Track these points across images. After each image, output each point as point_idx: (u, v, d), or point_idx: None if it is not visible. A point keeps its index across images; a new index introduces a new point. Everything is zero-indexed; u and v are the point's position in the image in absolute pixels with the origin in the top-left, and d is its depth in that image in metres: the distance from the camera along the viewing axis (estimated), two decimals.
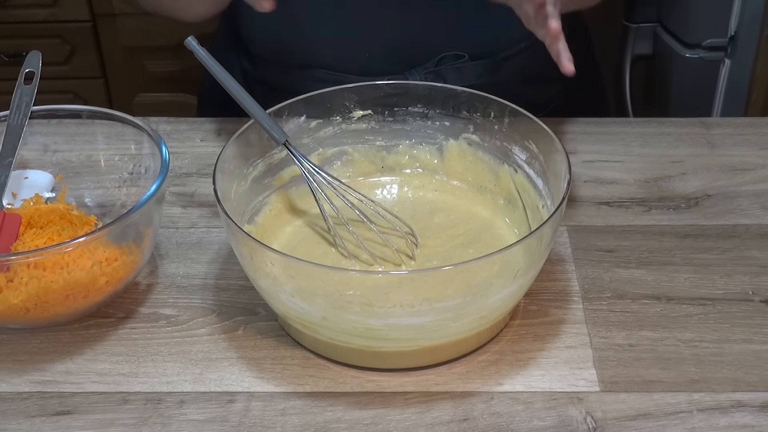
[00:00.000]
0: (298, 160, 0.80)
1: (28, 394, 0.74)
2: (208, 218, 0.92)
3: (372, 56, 1.03)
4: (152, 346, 0.77)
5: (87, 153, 0.91)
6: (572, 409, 0.71)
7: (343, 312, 0.70)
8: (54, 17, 2.02)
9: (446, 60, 1.04)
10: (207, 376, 0.74)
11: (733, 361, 0.75)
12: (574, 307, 0.80)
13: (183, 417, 0.71)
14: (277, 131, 0.81)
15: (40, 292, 0.74)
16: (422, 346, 0.73)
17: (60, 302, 0.75)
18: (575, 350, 0.76)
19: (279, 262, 0.71)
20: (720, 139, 1.02)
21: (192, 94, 2.06)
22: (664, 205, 0.92)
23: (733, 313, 0.79)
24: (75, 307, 0.77)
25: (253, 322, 0.79)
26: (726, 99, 1.57)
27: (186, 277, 0.84)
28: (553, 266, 0.84)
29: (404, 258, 0.81)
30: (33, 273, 0.73)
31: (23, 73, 0.87)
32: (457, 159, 0.89)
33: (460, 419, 0.70)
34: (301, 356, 0.76)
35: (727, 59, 1.55)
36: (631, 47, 1.69)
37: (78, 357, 0.77)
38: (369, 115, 0.90)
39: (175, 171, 0.98)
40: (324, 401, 0.72)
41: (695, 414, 0.70)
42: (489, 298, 0.71)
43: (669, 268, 0.84)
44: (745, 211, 0.91)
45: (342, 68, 1.04)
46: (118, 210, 0.88)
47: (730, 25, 1.52)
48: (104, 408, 0.72)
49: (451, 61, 1.04)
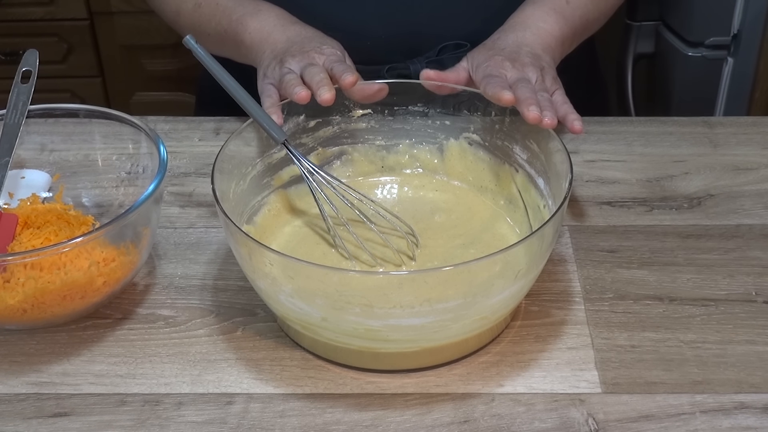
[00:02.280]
0: (297, 159, 0.80)
1: (25, 395, 0.73)
2: (206, 218, 0.91)
3: (373, 44, 1.03)
4: (150, 347, 0.77)
5: (84, 152, 0.90)
6: (574, 411, 0.70)
7: (342, 313, 0.69)
8: (51, 15, 2.02)
9: (448, 49, 1.04)
10: (205, 378, 0.74)
11: (736, 362, 0.74)
12: (575, 307, 0.80)
13: (181, 419, 0.71)
14: (276, 130, 0.80)
15: (37, 293, 0.73)
16: (422, 348, 0.73)
17: (57, 303, 0.75)
18: (577, 351, 0.76)
19: (278, 263, 0.71)
20: (723, 138, 1.02)
21: (190, 93, 2.05)
22: (666, 205, 0.92)
23: (736, 314, 0.79)
24: (72, 307, 0.76)
25: (252, 323, 0.79)
26: (729, 98, 1.56)
27: (184, 278, 0.84)
28: (554, 267, 0.84)
29: (405, 258, 0.80)
30: (30, 274, 0.73)
31: (20, 72, 0.86)
32: (458, 158, 0.89)
33: (460, 421, 0.70)
34: (301, 357, 0.76)
35: (730, 58, 1.55)
36: (633, 45, 1.69)
37: (75, 358, 0.76)
38: (369, 114, 0.89)
39: (174, 170, 0.98)
40: (323, 403, 0.72)
41: (698, 416, 0.70)
42: (490, 298, 0.70)
43: (671, 268, 0.84)
44: (748, 211, 0.91)
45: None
46: (115, 210, 0.88)
47: (733, 24, 1.52)
48: (101, 410, 0.72)
49: (452, 50, 1.04)
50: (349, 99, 0.87)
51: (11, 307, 0.73)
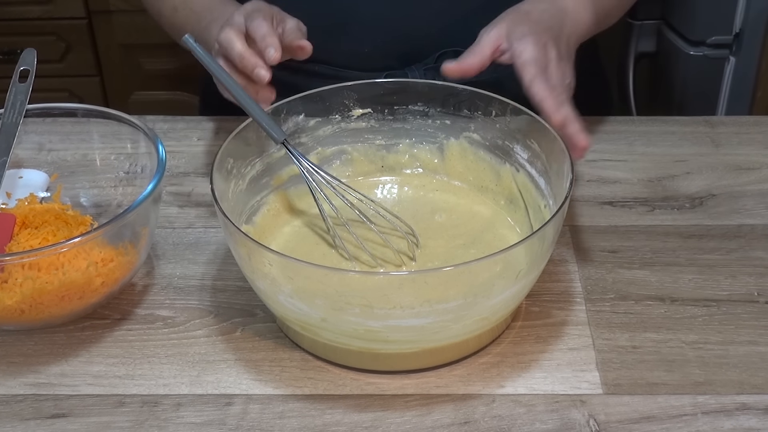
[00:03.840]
0: (297, 159, 0.80)
1: (23, 396, 0.73)
2: (205, 218, 0.91)
3: (371, 51, 1.02)
4: (149, 348, 0.77)
5: (82, 152, 0.90)
6: (575, 412, 0.70)
7: (342, 313, 0.69)
8: (49, 14, 2.01)
9: (446, 56, 1.03)
10: (204, 379, 0.74)
11: (738, 363, 0.74)
12: (576, 308, 0.79)
13: (180, 420, 0.70)
14: (275, 130, 0.80)
15: (35, 294, 0.73)
16: (423, 348, 0.72)
17: (55, 303, 0.74)
18: (578, 352, 0.75)
19: (277, 263, 0.70)
20: (725, 137, 1.01)
21: (189, 92, 2.05)
22: (668, 205, 0.92)
23: (738, 314, 0.79)
24: (70, 308, 0.76)
25: (251, 323, 0.79)
26: (731, 97, 1.56)
27: (183, 278, 0.84)
28: (555, 267, 0.83)
29: (405, 259, 0.80)
30: (28, 274, 0.72)
31: (18, 71, 0.86)
32: (458, 158, 0.89)
33: (461, 422, 0.70)
34: (300, 358, 0.75)
35: (732, 57, 1.54)
36: (634, 45, 1.69)
37: (73, 359, 0.76)
38: (368, 113, 0.89)
39: (172, 170, 0.98)
40: (323, 404, 0.71)
41: (700, 417, 0.70)
42: (490, 299, 0.70)
43: (673, 268, 0.83)
44: (750, 211, 0.90)
45: (340, 63, 1.03)
46: (113, 210, 0.87)
47: (735, 22, 1.52)
48: (100, 411, 0.71)
49: (451, 57, 1.03)
50: (349, 98, 0.87)
51: (9, 307, 0.73)
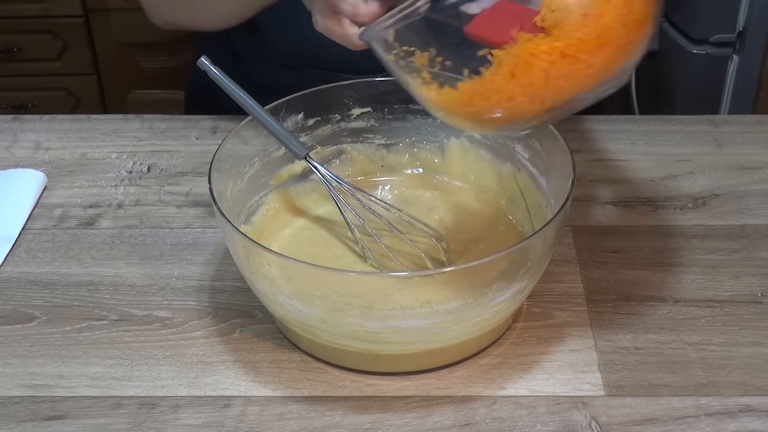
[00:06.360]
0: (320, 173, 0.80)
1: (19, 398, 0.72)
2: (203, 218, 0.91)
3: (366, 54, 1.02)
4: (146, 349, 0.76)
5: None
6: (576, 414, 0.70)
7: (342, 314, 0.69)
8: (46, 12, 2.01)
9: None
10: (202, 380, 0.73)
11: (742, 364, 0.74)
12: (578, 309, 0.79)
13: (178, 422, 0.70)
14: (296, 146, 0.80)
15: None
16: (423, 350, 0.72)
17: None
18: (579, 353, 0.75)
19: (276, 263, 0.70)
20: (728, 137, 1.01)
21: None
22: (670, 204, 0.91)
23: (742, 315, 0.78)
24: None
25: (250, 324, 0.78)
26: (734, 96, 1.56)
27: (181, 279, 0.83)
28: (557, 267, 0.83)
29: (436, 266, 0.79)
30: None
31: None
32: (459, 158, 0.88)
33: (461, 424, 0.69)
34: (299, 360, 0.75)
35: (735, 55, 1.54)
36: None
37: (70, 360, 0.76)
38: (368, 112, 0.88)
39: (170, 170, 0.97)
40: (322, 406, 0.71)
41: (703, 419, 0.69)
42: (491, 300, 0.70)
43: (676, 269, 0.83)
44: (753, 211, 0.90)
45: (336, 67, 1.03)
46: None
47: (738, 21, 1.52)
48: (97, 413, 0.71)
49: None
50: (348, 97, 0.86)
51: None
